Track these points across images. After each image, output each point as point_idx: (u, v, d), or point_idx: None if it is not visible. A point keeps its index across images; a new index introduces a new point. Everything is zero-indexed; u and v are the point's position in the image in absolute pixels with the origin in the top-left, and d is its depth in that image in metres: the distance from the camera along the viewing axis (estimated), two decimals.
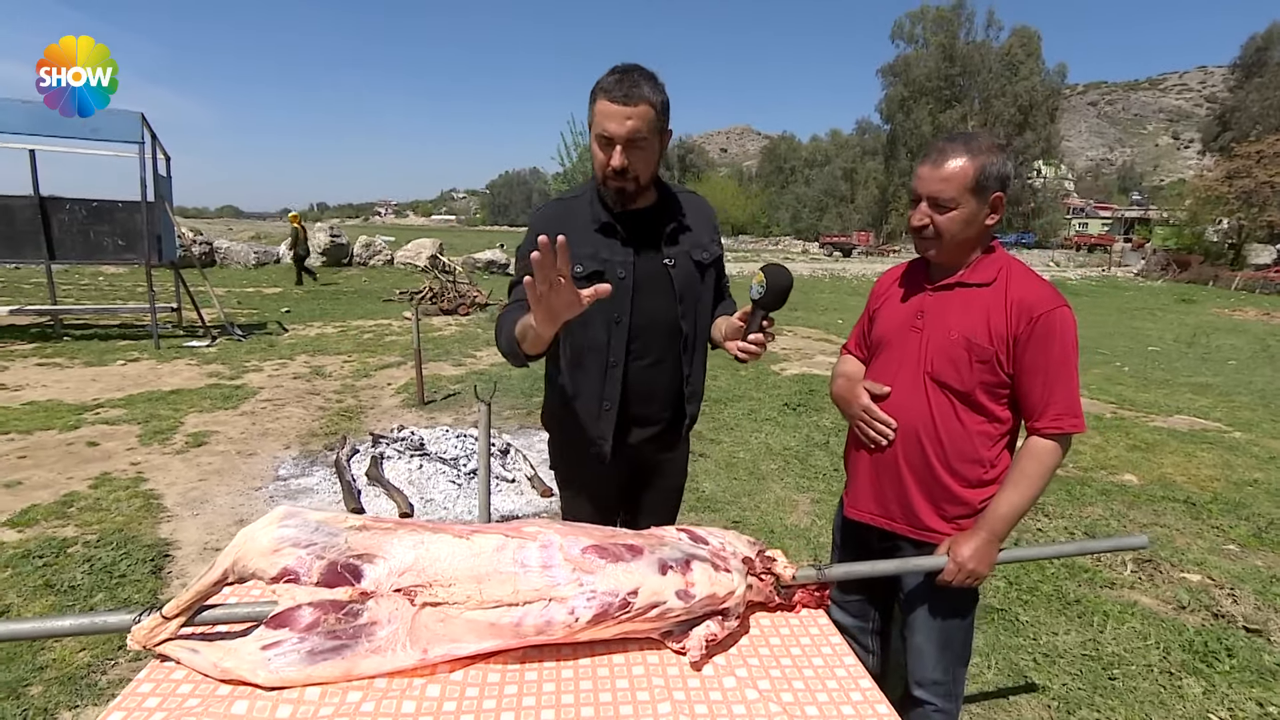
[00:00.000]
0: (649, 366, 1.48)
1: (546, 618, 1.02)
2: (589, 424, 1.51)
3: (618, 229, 1.43)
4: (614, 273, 1.40)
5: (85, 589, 2.50)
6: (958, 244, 1.35)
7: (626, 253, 1.42)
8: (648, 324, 1.45)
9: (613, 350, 1.44)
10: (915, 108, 47.05)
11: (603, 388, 1.47)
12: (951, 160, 1.30)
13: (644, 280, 1.44)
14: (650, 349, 1.48)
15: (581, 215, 1.44)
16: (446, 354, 7.23)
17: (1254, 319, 15.39)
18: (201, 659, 0.99)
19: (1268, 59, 38.04)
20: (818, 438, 4.87)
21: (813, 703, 1.01)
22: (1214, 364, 8.96)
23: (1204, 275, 26.01)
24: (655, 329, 1.47)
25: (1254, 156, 28.49)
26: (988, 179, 1.29)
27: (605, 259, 1.41)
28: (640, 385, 1.49)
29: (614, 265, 1.41)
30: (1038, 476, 1.31)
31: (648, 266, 1.44)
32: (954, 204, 1.30)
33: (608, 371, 1.46)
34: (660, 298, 1.45)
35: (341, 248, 16.76)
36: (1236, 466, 4.52)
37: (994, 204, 1.32)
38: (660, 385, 1.52)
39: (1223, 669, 2.33)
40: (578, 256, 1.34)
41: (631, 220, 1.43)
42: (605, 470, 1.56)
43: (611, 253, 1.42)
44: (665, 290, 1.46)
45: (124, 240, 7.31)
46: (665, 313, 1.47)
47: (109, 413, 4.67)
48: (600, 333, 1.44)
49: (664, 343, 1.49)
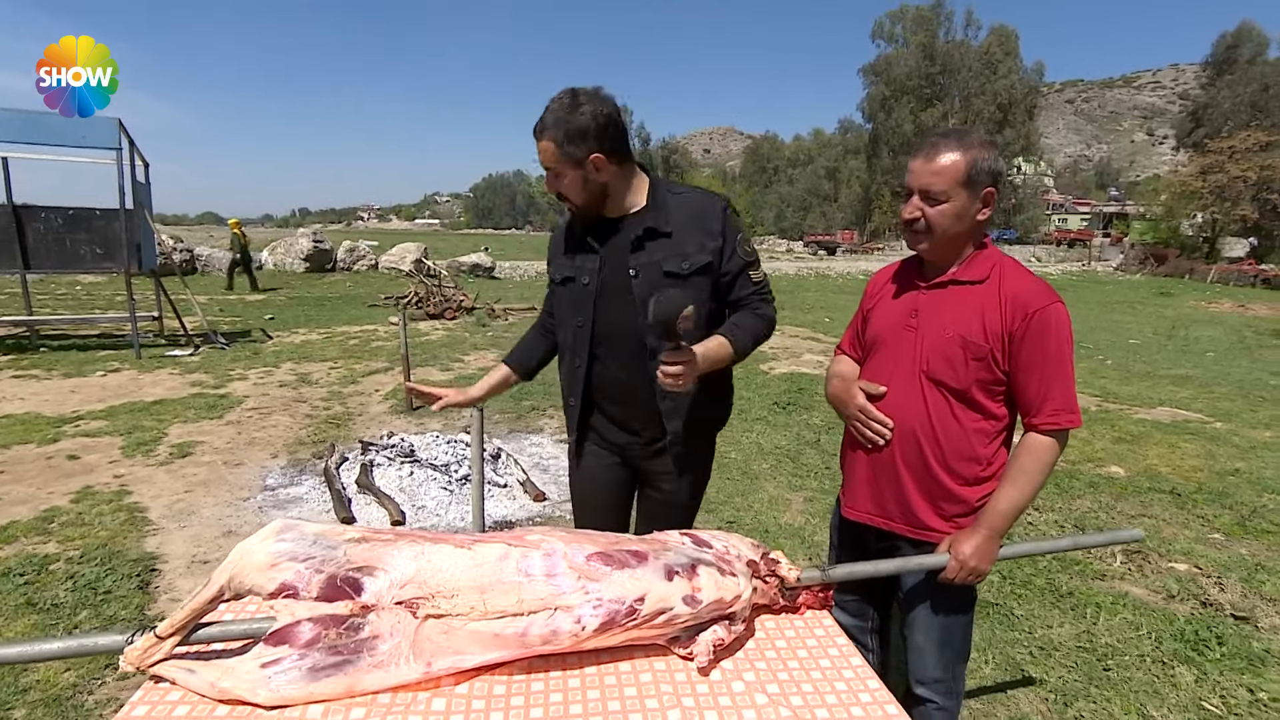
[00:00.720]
0: (617, 370, 1.54)
1: (552, 627, 1.01)
2: (568, 417, 1.68)
3: (586, 240, 1.52)
4: (580, 279, 1.53)
5: (69, 607, 2.44)
6: (949, 238, 1.35)
7: (595, 261, 1.50)
8: (610, 331, 1.52)
9: (577, 352, 1.56)
10: (897, 106, 47.46)
11: (570, 385, 1.62)
12: (944, 154, 1.31)
13: (608, 288, 1.50)
14: (615, 354, 1.53)
15: (571, 228, 1.58)
16: (434, 359, 7.18)
17: (1229, 311, 15.70)
18: (198, 679, 0.96)
19: (1237, 57, 38.84)
20: (808, 436, 4.89)
21: (822, 705, 1.01)
22: (1193, 356, 9.12)
23: (1180, 269, 26.51)
24: (618, 337, 1.51)
25: (1226, 152, 29.10)
26: (979, 173, 1.30)
27: (577, 266, 1.53)
28: (608, 385, 1.57)
29: (581, 272, 1.52)
30: (1036, 472, 1.32)
31: (613, 275, 1.49)
32: (945, 197, 1.31)
33: (573, 371, 1.59)
34: (623, 306, 1.48)
35: (325, 253, 16.59)
36: (1219, 456, 4.60)
37: (985, 198, 1.33)
38: (633, 392, 1.54)
39: (1213, 657, 2.36)
40: (558, 263, 1.60)
41: (602, 230, 1.51)
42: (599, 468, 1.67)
43: (582, 261, 1.53)
44: (628, 299, 1.46)
45: (102, 249, 7.18)
46: (627, 322, 1.47)
47: (90, 425, 4.57)
48: (568, 335, 1.58)
49: (632, 350, 1.50)
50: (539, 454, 4.34)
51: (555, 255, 1.61)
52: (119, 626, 1.07)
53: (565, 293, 1.57)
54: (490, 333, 9.18)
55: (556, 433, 4.79)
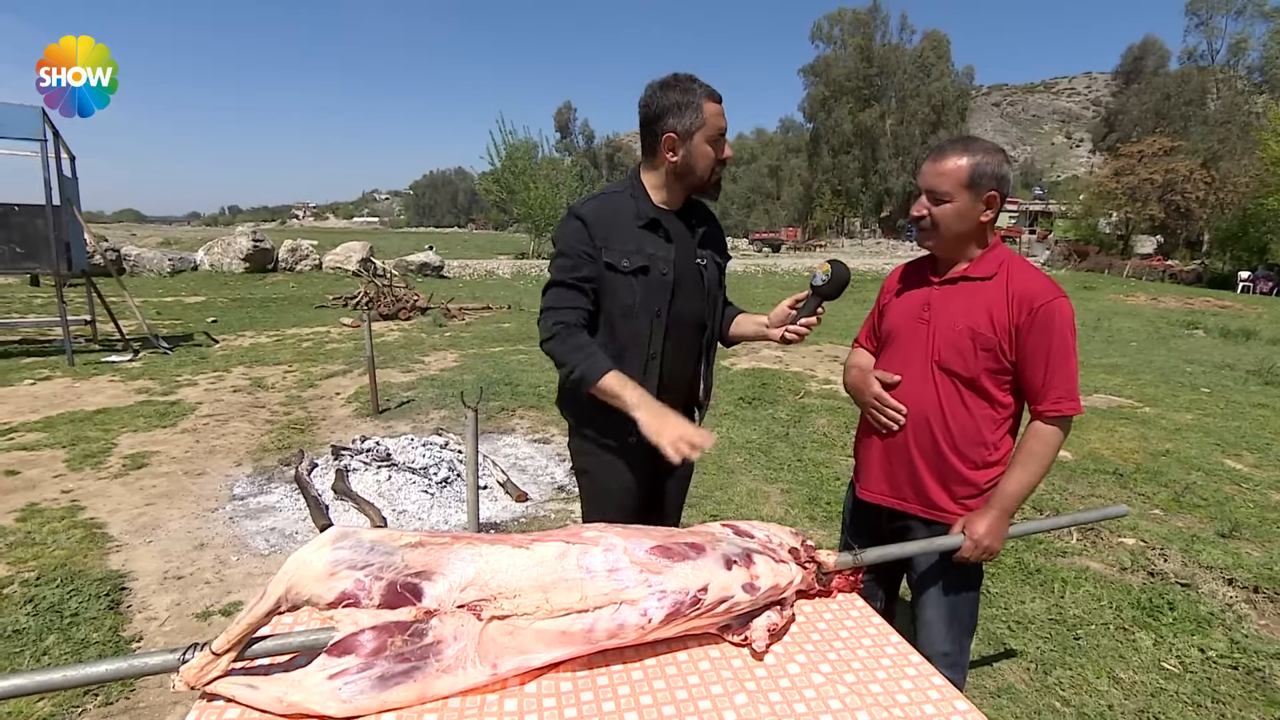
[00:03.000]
0: (678, 361, 1.59)
1: (619, 621, 1.03)
2: (624, 414, 1.52)
3: (661, 225, 1.52)
4: (658, 268, 1.50)
5: (33, 633, 2.28)
6: (953, 235, 1.45)
7: (669, 249, 1.52)
8: (680, 320, 1.56)
9: (653, 343, 1.53)
10: (836, 106, 48.90)
11: (641, 380, 1.48)
12: (949, 158, 1.42)
13: (681, 278, 1.53)
14: (681, 344, 1.58)
15: (626, 211, 1.51)
16: (394, 360, 6.99)
17: (1144, 303, 16.89)
18: (263, 695, 0.94)
19: (1143, 67, 41.81)
20: (777, 430, 5.01)
21: (875, 680, 1.07)
22: (1118, 345, 9.79)
23: (1100, 264, 28.32)
24: (686, 325, 1.58)
25: (1136, 156, 31.30)
26: (981, 176, 1.40)
27: (651, 254, 1.49)
28: (669, 378, 1.58)
29: (658, 261, 1.50)
30: (1043, 456, 1.42)
31: (684, 264, 1.54)
32: (948, 197, 1.42)
33: (647, 364, 1.53)
34: (692, 295, 1.57)
35: (266, 253, 15.85)
36: (1151, 439, 4.97)
37: (988, 201, 1.42)
38: (683, 379, 1.64)
39: (1166, 621, 2.58)
40: (625, 251, 1.47)
41: (671, 219, 1.54)
42: (633, 458, 1.60)
43: (656, 248, 1.50)
44: (697, 288, 1.57)
45: (23, 247, 6.65)
46: (695, 310, 1.58)
47: (25, 437, 4.25)
48: (644, 325, 1.51)
49: (691, 338, 1.60)
50: (514, 454, 4.30)
51: (613, 244, 1.47)
52: (171, 648, 1.03)
53: (636, 283, 1.48)
54: (448, 333, 9.00)
55: (529, 432, 4.76)
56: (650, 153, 1.51)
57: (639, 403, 1.36)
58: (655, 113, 1.46)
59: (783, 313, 1.56)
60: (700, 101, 1.44)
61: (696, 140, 1.45)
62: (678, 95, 1.44)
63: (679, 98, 1.44)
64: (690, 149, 1.46)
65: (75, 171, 7.10)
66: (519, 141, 28.47)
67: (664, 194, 1.54)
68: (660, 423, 1.31)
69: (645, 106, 1.48)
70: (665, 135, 1.46)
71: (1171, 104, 37.94)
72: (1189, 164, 29.85)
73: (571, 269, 1.47)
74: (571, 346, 1.43)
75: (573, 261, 1.47)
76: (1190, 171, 29.42)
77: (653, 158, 1.51)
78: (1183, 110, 37.31)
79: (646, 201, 1.52)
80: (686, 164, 1.48)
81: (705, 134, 1.45)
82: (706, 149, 1.47)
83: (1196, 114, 36.82)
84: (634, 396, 1.37)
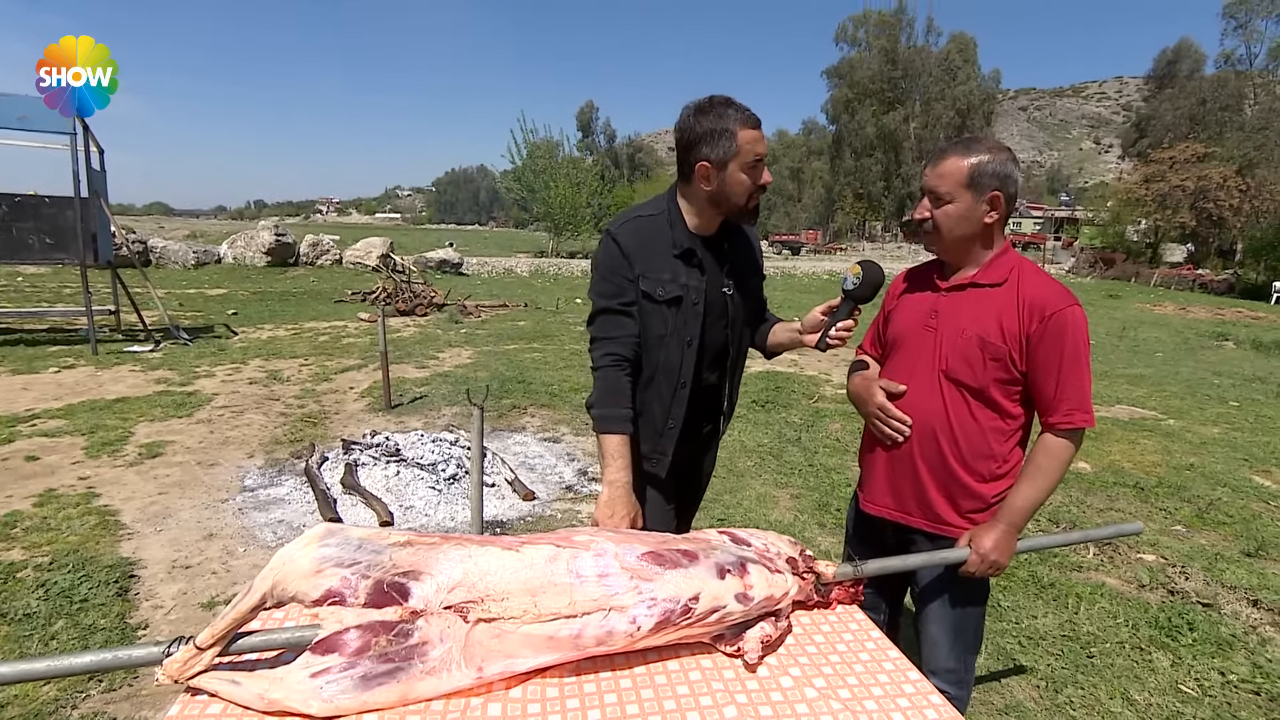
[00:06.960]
0: (707, 387, 1.61)
1: (607, 628, 1.01)
2: (649, 439, 1.58)
3: (695, 255, 1.50)
4: (690, 298, 1.49)
5: (43, 616, 2.32)
6: (956, 238, 1.41)
7: (701, 279, 1.51)
8: (709, 347, 1.57)
9: (683, 372, 1.53)
10: (859, 109, 48.41)
11: (670, 407, 1.55)
12: (948, 159, 1.38)
13: (710, 306, 1.53)
14: (710, 370, 1.60)
15: (663, 239, 1.49)
16: (408, 356, 7.03)
17: (1172, 313, 16.49)
18: (245, 691, 0.93)
19: (1177, 72, 40.86)
20: (789, 434, 4.96)
21: (869, 696, 1.03)
22: (1144, 355, 9.56)
23: (1127, 272, 27.71)
24: (714, 352, 1.59)
25: (1167, 162, 30.59)
26: (981, 176, 1.35)
27: (684, 284, 1.49)
28: (698, 404, 1.60)
29: (690, 291, 1.49)
30: (1053, 470, 1.37)
31: (713, 293, 1.54)
32: (949, 198, 1.38)
33: (676, 392, 1.54)
34: (720, 322, 1.57)
35: (288, 247, 16.08)
36: (1174, 452, 4.84)
37: (991, 201, 1.37)
38: (711, 404, 1.67)
39: (1186, 642, 2.49)
40: (660, 280, 1.47)
41: (704, 247, 1.52)
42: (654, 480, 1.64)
43: (689, 278, 1.49)
44: (723, 315, 1.57)
45: (53, 238, 6.82)
46: (722, 338, 1.60)
47: (47, 424, 4.34)
48: (675, 355, 1.52)
49: (718, 364, 1.62)
50: (524, 453, 4.30)
51: (650, 272, 1.47)
52: (155, 640, 1.02)
53: (669, 313, 1.49)
54: (464, 329, 9.04)
55: (539, 431, 4.76)
56: (685, 179, 1.48)
57: (612, 480, 1.42)
58: (690, 140, 1.43)
59: (815, 319, 1.50)
60: (735, 129, 1.39)
61: (731, 169, 1.41)
62: (711, 122, 1.39)
63: (713, 124, 1.39)
64: (724, 178, 1.42)
65: (104, 165, 7.25)
66: (540, 140, 28.64)
67: (699, 219, 1.51)
68: (608, 510, 1.41)
69: (680, 132, 1.45)
70: (699, 164, 1.42)
71: (1207, 109, 37.03)
72: (1222, 171, 29.11)
73: (616, 294, 1.48)
74: (608, 389, 1.46)
75: (615, 287, 1.47)
76: (1224, 178, 28.70)
77: (688, 184, 1.48)
78: (1218, 116, 36.40)
79: (682, 228, 1.49)
80: (721, 192, 1.44)
81: (740, 162, 1.40)
82: (741, 177, 1.42)
83: (1233, 119, 35.90)
84: (613, 473, 1.43)
